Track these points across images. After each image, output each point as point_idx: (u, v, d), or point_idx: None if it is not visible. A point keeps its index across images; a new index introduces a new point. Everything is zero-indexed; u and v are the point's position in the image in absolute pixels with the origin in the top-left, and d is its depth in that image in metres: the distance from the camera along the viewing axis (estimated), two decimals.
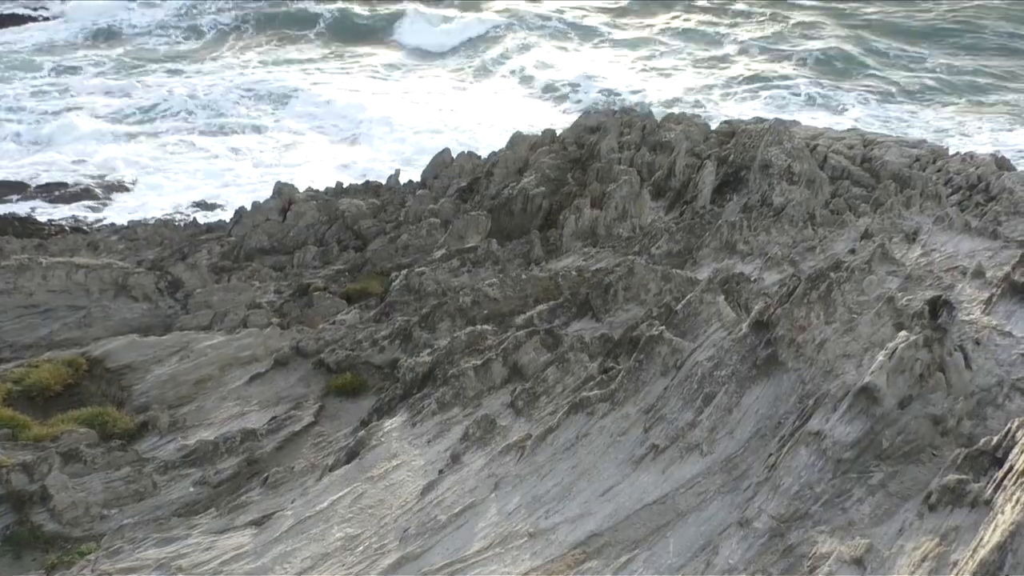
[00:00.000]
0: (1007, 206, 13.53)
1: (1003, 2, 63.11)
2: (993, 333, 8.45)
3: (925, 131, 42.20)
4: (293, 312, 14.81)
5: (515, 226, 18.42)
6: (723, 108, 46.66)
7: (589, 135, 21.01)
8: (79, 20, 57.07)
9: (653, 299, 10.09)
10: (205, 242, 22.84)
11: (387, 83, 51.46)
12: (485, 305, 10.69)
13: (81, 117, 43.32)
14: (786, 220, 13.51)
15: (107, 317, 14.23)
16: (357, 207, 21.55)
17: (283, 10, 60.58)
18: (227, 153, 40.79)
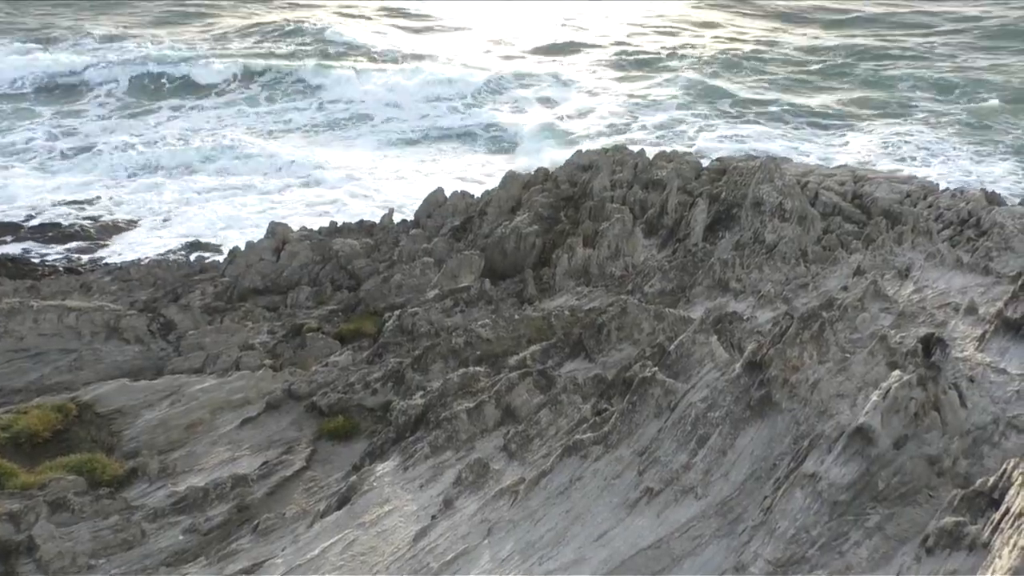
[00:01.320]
0: (998, 241, 13.58)
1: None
2: (987, 370, 8.42)
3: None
4: (286, 353, 14.73)
5: (508, 264, 18.44)
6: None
7: (581, 173, 21.13)
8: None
9: (646, 338, 10.06)
10: (198, 282, 22.80)
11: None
12: (478, 346, 10.64)
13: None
14: (778, 257, 13.53)
15: (98, 360, 14.13)
16: (351, 247, 21.57)
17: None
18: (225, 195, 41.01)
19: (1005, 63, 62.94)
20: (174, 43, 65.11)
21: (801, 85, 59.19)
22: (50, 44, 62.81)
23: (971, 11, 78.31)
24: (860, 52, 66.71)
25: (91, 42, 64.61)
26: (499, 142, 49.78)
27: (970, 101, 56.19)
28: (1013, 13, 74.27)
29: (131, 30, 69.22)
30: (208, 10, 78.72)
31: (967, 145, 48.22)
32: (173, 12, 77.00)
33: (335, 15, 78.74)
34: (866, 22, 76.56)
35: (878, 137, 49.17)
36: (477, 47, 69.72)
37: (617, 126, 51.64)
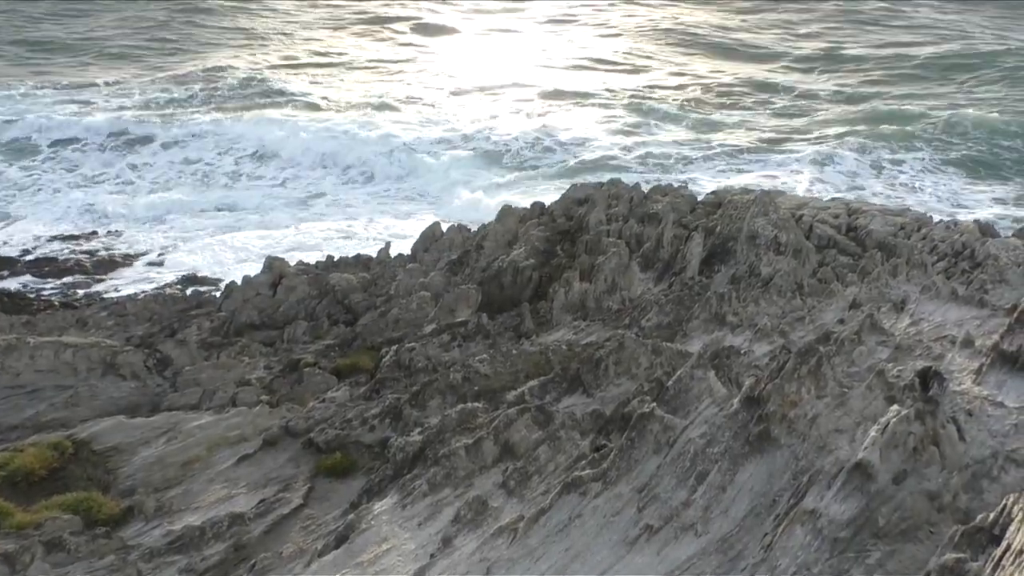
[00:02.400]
0: (992, 274, 13.66)
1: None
2: (985, 403, 8.44)
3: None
4: (283, 389, 14.70)
5: (505, 298, 18.49)
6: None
7: (577, 207, 21.26)
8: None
9: (644, 373, 10.07)
10: (195, 317, 22.78)
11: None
12: (476, 381, 10.64)
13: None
14: (774, 290, 13.59)
15: (94, 396, 14.09)
16: (348, 281, 21.60)
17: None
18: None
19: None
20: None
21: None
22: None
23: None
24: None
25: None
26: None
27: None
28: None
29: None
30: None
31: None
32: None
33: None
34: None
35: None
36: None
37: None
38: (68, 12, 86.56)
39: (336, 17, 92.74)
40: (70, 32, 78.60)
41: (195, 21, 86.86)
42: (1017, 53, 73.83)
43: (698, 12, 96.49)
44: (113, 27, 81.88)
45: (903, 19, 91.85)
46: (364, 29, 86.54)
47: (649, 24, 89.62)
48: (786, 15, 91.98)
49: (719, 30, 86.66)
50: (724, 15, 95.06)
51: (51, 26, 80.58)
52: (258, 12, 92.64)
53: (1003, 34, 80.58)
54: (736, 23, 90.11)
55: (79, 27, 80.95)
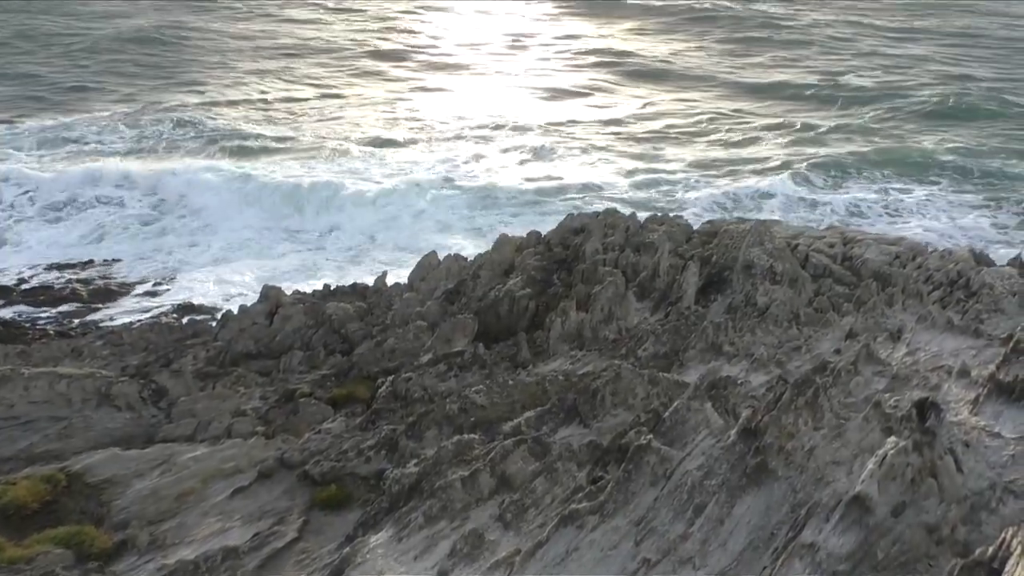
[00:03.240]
0: (988, 303, 13.70)
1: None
2: (982, 434, 8.43)
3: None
4: (278, 419, 14.63)
5: (502, 328, 18.46)
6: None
7: (573, 236, 21.31)
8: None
9: (641, 403, 10.04)
10: (191, 347, 22.70)
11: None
12: (472, 412, 10.60)
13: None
14: (771, 320, 13.61)
15: (88, 428, 14.01)
16: (344, 310, 21.58)
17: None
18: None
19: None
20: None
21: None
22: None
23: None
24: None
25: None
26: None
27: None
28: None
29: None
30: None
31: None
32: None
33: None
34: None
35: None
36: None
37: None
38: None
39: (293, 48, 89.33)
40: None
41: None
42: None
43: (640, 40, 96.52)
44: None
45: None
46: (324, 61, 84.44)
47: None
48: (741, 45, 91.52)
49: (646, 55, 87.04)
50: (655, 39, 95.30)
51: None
52: (203, 46, 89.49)
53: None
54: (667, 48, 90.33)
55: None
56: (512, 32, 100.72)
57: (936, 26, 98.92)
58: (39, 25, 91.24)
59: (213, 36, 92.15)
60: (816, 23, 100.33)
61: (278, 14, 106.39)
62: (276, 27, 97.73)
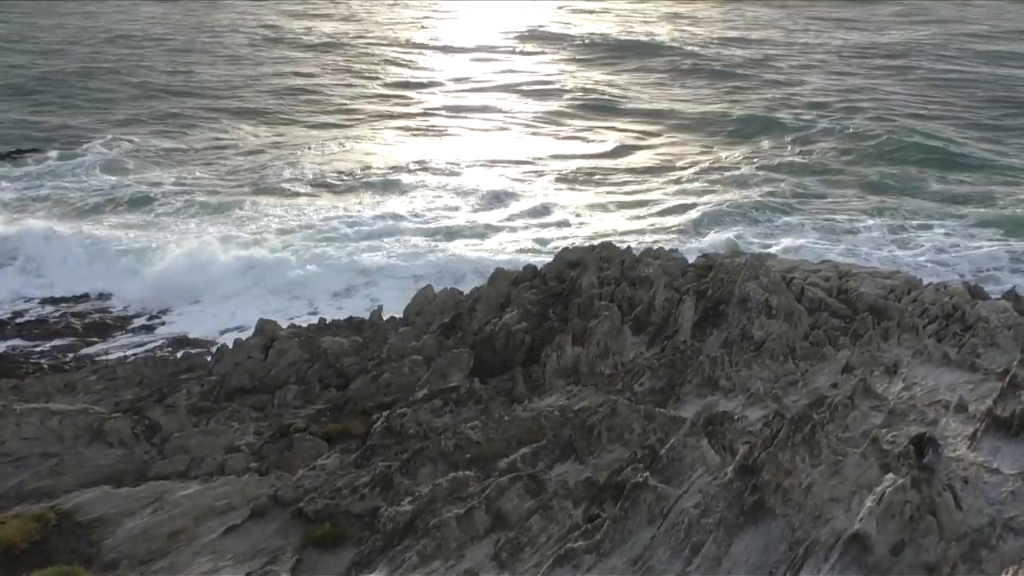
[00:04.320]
0: (984, 337, 13.69)
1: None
2: (980, 470, 8.37)
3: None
4: (272, 455, 14.52)
5: (498, 362, 18.41)
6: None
7: (569, 270, 21.34)
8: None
9: (637, 439, 9.98)
10: (185, 381, 22.60)
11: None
12: (468, 448, 10.53)
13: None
14: (767, 354, 13.58)
15: (80, 465, 13.87)
16: (339, 344, 21.53)
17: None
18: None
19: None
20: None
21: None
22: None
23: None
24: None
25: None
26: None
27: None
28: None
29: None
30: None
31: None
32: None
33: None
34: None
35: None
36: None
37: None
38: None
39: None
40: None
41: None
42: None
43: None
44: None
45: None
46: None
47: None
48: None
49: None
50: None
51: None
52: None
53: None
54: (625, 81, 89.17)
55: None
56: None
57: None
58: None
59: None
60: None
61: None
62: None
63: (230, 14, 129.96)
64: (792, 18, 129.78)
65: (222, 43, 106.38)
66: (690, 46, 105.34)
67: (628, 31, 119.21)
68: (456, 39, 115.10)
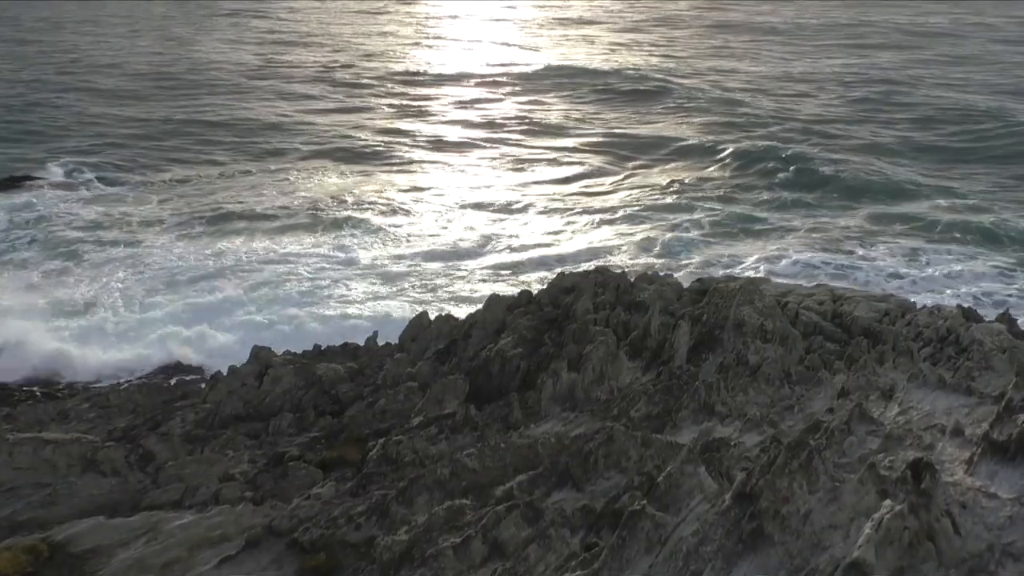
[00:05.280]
0: (979, 360, 13.72)
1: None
2: (978, 495, 8.36)
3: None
4: (267, 484, 14.41)
5: (493, 388, 18.35)
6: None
7: (564, 295, 21.34)
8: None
9: (634, 466, 9.94)
10: (179, 409, 22.46)
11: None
12: (464, 476, 10.47)
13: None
14: (762, 379, 13.59)
15: (73, 494, 13.76)
16: (335, 371, 21.45)
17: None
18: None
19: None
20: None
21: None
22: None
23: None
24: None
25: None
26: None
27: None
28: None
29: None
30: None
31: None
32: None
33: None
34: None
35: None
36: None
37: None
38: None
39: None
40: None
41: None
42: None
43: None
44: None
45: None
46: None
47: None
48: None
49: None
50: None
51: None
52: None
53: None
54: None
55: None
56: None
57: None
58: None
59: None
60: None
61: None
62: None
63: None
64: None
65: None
66: (659, 73, 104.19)
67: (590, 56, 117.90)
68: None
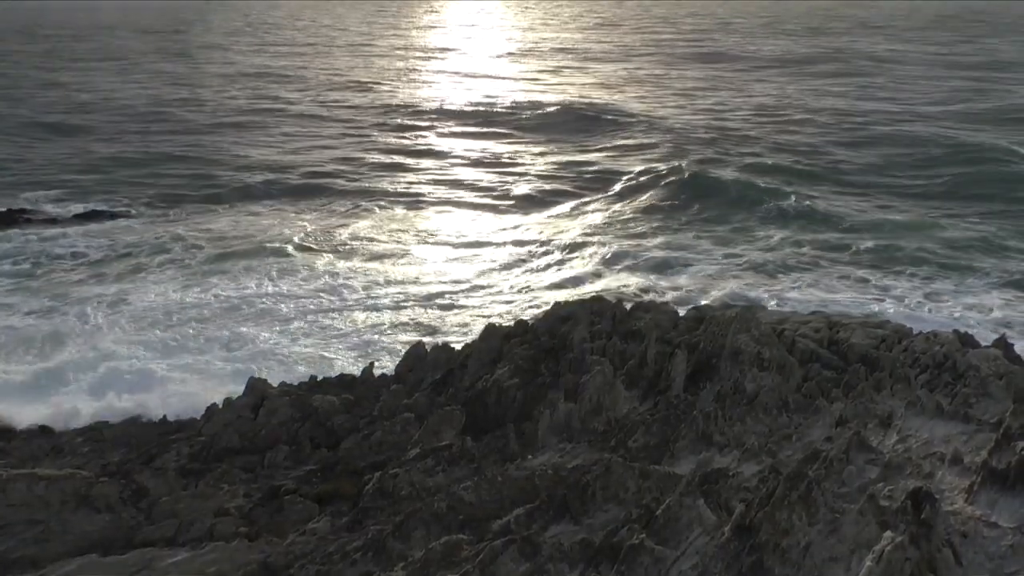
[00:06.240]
0: (976, 387, 13.71)
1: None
2: (979, 524, 8.32)
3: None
4: (262, 519, 14.28)
5: (490, 418, 18.26)
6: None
7: (560, 324, 21.32)
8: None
9: (632, 498, 9.87)
10: (174, 442, 22.30)
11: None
12: (461, 509, 10.38)
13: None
14: (760, 408, 13.55)
15: (66, 531, 13.61)
16: (330, 403, 21.35)
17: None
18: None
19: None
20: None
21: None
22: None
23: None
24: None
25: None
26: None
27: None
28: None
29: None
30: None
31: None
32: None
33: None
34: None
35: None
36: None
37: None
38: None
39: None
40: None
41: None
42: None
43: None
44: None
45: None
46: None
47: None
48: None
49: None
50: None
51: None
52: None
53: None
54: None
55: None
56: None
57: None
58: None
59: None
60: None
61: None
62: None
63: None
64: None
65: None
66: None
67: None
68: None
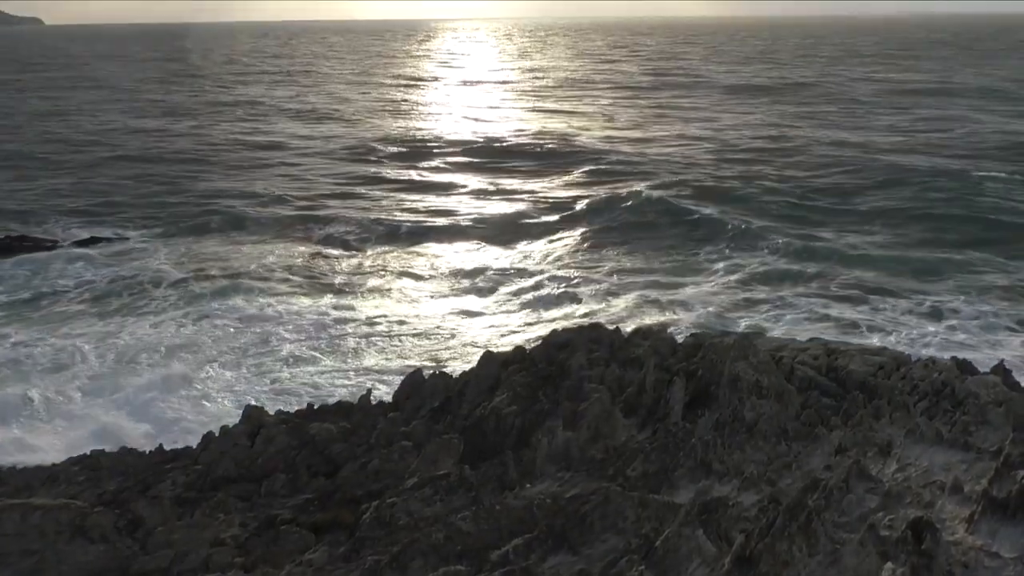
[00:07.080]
0: (975, 415, 13.68)
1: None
2: (980, 554, 8.27)
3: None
4: (258, 549, 14.15)
5: (488, 446, 18.17)
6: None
7: (558, 352, 21.29)
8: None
9: (631, 527, 9.81)
10: (170, 471, 22.16)
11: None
12: (458, 540, 10.31)
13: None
14: (759, 436, 13.51)
15: (61, 562, 13.49)
16: (328, 431, 21.24)
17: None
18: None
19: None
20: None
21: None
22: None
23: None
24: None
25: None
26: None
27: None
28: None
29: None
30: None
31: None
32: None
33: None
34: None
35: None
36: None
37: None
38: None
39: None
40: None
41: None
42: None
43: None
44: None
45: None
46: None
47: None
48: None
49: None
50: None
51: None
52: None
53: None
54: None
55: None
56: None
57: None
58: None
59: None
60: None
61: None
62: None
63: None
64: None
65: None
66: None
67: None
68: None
